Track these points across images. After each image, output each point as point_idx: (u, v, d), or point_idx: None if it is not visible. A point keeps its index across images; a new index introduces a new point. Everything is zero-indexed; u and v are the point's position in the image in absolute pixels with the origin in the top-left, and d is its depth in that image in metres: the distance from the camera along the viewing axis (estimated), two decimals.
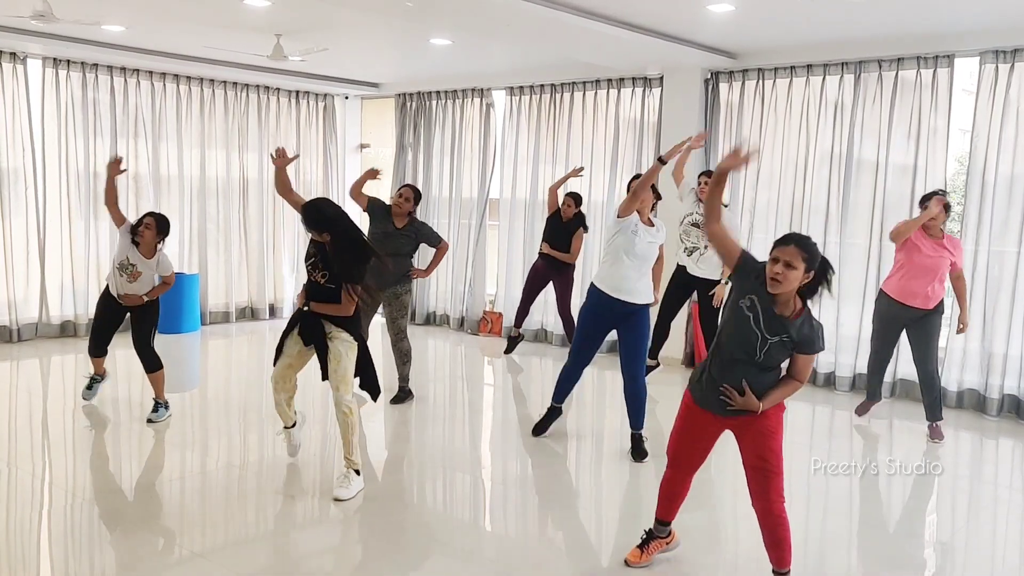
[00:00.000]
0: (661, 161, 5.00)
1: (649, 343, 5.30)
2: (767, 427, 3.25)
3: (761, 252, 3.30)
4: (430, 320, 10.07)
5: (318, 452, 5.49)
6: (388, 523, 4.29)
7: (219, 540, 4.09)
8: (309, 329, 4.56)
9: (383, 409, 6.45)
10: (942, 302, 5.71)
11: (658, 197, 5.19)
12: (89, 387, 6.05)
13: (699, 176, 6.91)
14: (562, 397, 5.55)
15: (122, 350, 6.02)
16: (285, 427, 4.96)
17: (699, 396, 3.36)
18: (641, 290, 5.08)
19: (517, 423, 6.39)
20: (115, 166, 5.70)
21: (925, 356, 5.74)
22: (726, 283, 6.50)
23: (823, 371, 7.31)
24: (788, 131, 7.48)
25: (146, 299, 5.63)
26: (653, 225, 5.09)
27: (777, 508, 3.28)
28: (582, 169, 8.01)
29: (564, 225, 7.70)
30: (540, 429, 5.59)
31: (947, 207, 5.61)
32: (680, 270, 6.82)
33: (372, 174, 6.21)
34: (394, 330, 6.34)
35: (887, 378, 6.91)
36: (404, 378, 6.45)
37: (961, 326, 5.83)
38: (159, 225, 5.65)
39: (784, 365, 3.26)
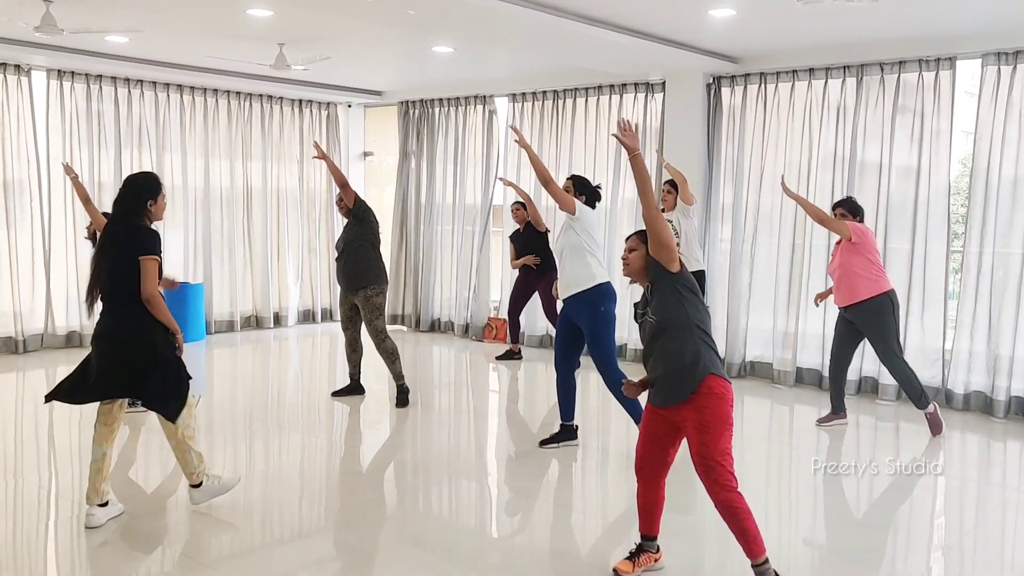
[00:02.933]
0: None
1: (613, 334, 5.25)
2: (700, 422, 3.35)
3: (765, 254, 3.32)
4: (435, 327, 10.07)
5: (324, 460, 5.50)
6: (393, 530, 4.28)
7: (224, 550, 4.09)
8: None
9: (387, 415, 6.45)
10: (875, 298, 5.69)
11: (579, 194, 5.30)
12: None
13: (663, 185, 7.17)
14: (569, 414, 5.50)
15: None
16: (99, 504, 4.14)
17: (650, 393, 3.57)
18: (570, 282, 5.15)
19: (521, 429, 6.39)
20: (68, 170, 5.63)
21: (882, 351, 5.86)
22: None
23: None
24: (791, 134, 7.48)
25: None
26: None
27: (725, 499, 3.33)
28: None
29: (523, 234, 8.00)
30: (548, 442, 5.54)
31: (844, 215, 5.81)
32: None
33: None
34: (372, 332, 6.35)
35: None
36: (398, 375, 6.46)
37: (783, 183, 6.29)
38: None
39: (674, 320, 3.42)
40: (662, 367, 3.45)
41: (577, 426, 5.56)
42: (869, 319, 5.76)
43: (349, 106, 10.88)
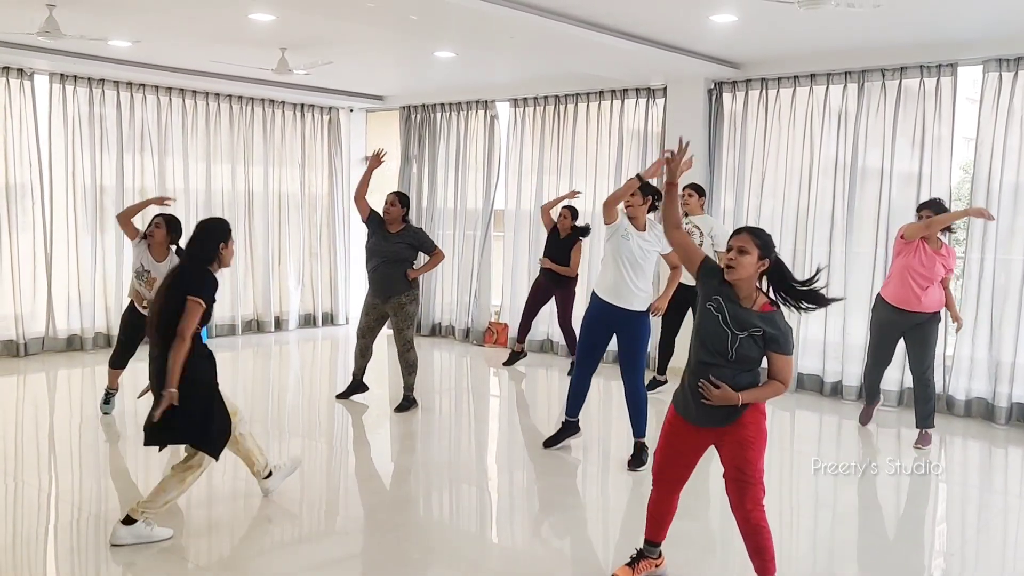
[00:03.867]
0: (638, 178, 5.00)
1: (648, 350, 5.31)
2: (745, 437, 3.26)
3: None
4: (435, 331, 10.06)
5: (324, 465, 5.49)
6: (394, 535, 4.27)
7: (225, 554, 4.09)
8: None
9: (389, 420, 6.45)
10: (940, 310, 5.74)
11: (657, 199, 5.12)
12: (107, 401, 6.07)
13: (683, 188, 6.91)
14: (575, 410, 5.50)
15: (131, 362, 6.02)
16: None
17: (680, 407, 3.40)
18: (637, 296, 5.07)
19: (523, 434, 6.38)
20: (158, 200, 5.97)
21: (922, 361, 5.75)
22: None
23: (830, 380, 7.29)
24: (792, 140, 7.48)
25: None
26: (645, 230, 5.08)
27: (755, 517, 3.27)
28: (578, 192, 8.11)
29: (563, 240, 7.78)
30: (552, 442, 5.56)
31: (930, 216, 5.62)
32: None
33: (376, 161, 6.24)
34: (400, 341, 6.36)
35: (894, 387, 6.90)
36: (409, 387, 6.49)
37: (958, 324, 5.94)
38: (169, 225, 5.67)
39: (763, 369, 3.28)
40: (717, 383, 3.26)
41: (578, 422, 5.56)
42: (933, 328, 5.73)
43: (351, 110, 10.89)
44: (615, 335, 5.23)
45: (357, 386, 6.72)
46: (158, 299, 4.02)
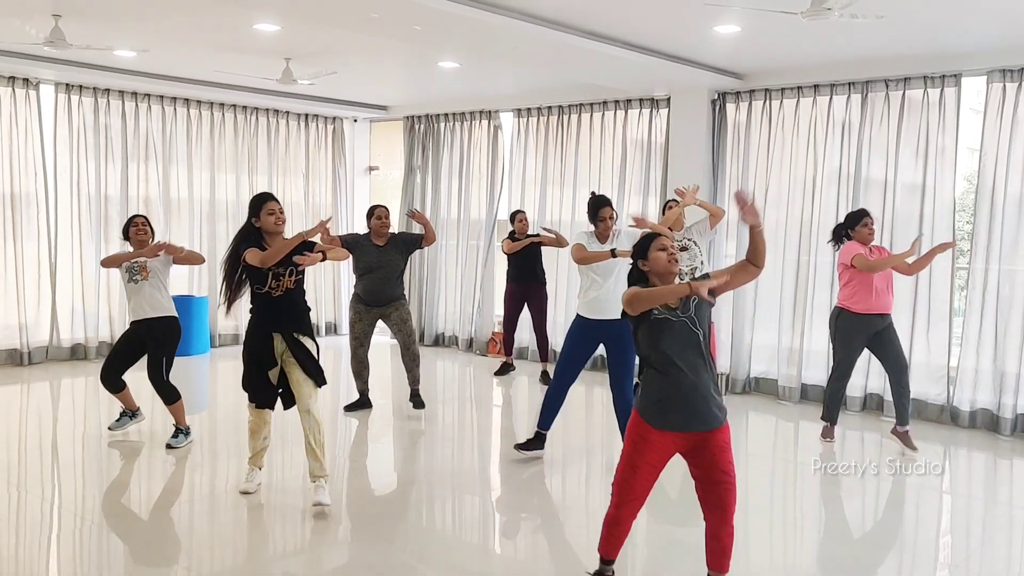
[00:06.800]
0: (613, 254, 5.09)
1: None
2: (726, 440, 3.24)
3: (770, 271, 3.34)
4: (439, 341, 10.06)
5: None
6: (397, 545, 4.26)
7: (228, 563, 4.08)
8: (268, 353, 4.77)
9: (392, 430, 6.44)
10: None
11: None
12: (118, 419, 5.98)
13: (664, 204, 6.90)
14: (549, 423, 5.53)
15: (135, 372, 6.02)
16: (259, 467, 4.92)
17: (657, 419, 3.23)
18: (617, 305, 5.08)
19: None
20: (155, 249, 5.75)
21: (901, 360, 5.82)
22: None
23: None
24: (796, 151, 7.49)
25: (182, 251, 5.86)
26: (609, 237, 5.19)
27: (732, 520, 3.29)
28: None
29: (526, 248, 7.80)
30: (522, 447, 5.56)
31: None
32: None
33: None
34: (408, 332, 6.49)
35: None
36: (416, 380, 6.60)
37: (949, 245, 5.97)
38: (147, 220, 5.91)
39: (707, 333, 3.27)
40: (706, 386, 3.19)
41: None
42: (894, 328, 5.84)
43: (355, 120, 10.92)
44: (605, 348, 5.27)
45: (364, 402, 6.76)
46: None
